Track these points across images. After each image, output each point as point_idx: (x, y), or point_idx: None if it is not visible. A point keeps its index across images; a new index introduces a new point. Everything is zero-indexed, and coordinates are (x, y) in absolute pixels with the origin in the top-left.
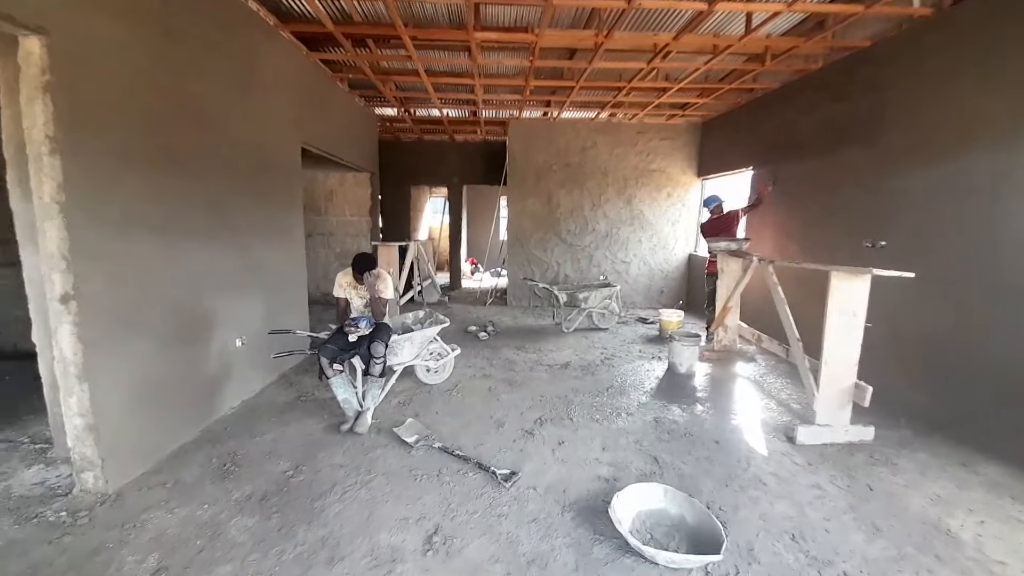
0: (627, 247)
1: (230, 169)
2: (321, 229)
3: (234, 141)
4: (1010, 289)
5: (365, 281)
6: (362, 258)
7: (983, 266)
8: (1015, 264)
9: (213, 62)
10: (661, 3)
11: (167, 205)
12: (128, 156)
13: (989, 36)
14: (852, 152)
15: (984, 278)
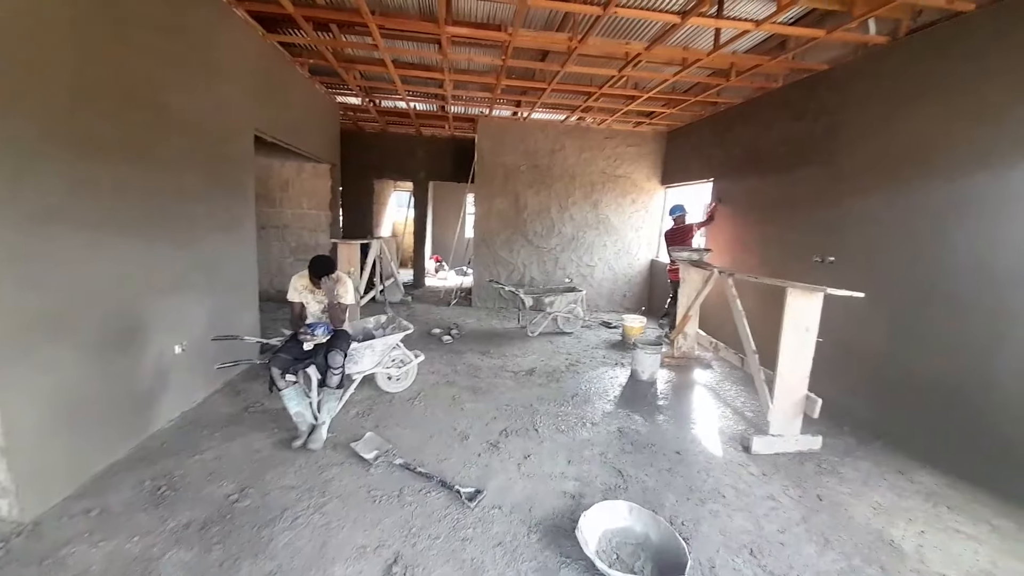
0: (592, 251)
1: (173, 157)
2: (275, 221)
3: (178, 126)
4: (944, 308)
5: (323, 285)
6: (320, 261)
7: (922, 285)
8: (950, 285)
9: (155, 37)
10: (635, 13)
11: (96, 198)
12: (46, 141)
13: (939, 67)
14: (809, 170)
15: (922, 297)
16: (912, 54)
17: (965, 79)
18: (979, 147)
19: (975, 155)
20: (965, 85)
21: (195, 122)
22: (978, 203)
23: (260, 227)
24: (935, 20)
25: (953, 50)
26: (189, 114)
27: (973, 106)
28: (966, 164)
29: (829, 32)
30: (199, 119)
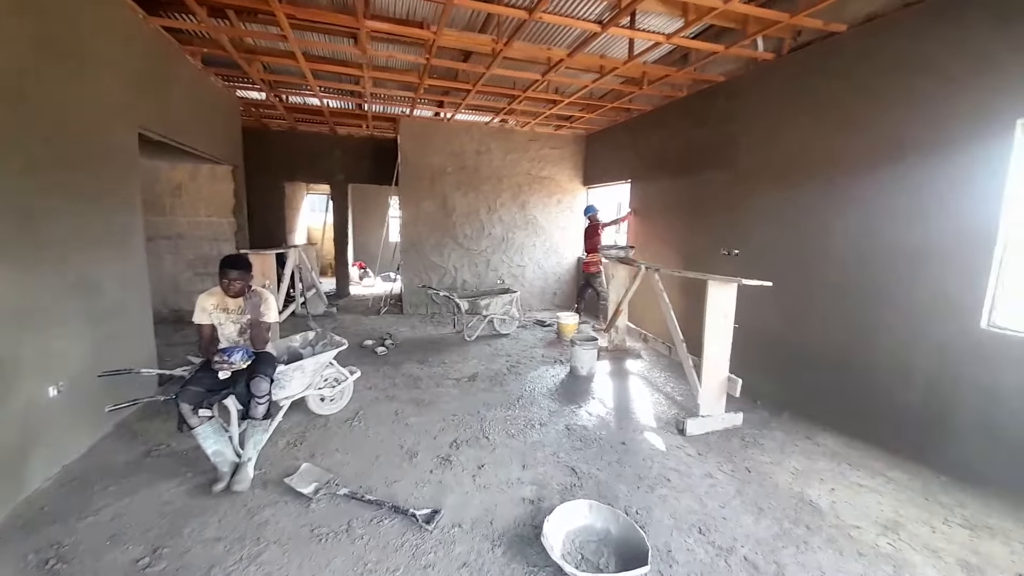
0: (522, 251)
1: (37, 161)
2: (166, 232)
3: (43, 124)
4: (829, 292)
5: (247, 303)
6: (234, 260)
7: (810, 273)
8: (833, 272)
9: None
10: (559, 19)
11: None
12: None
13: (815, 83)
14: (712, 173)
15: (811, 283)
16: (793, 70)
17: (837, 93)
18: (849, 154)
19: (846, 161)
20: (837, 99)
21: (64, 119)
22: (852, 202)
23: (148, 239)
24: (812, 40)
25: (827, 67)
26: (56, 110)
27: (843, 118)
28: (840, 169)
29: (727, 48)
30: (69, 115)
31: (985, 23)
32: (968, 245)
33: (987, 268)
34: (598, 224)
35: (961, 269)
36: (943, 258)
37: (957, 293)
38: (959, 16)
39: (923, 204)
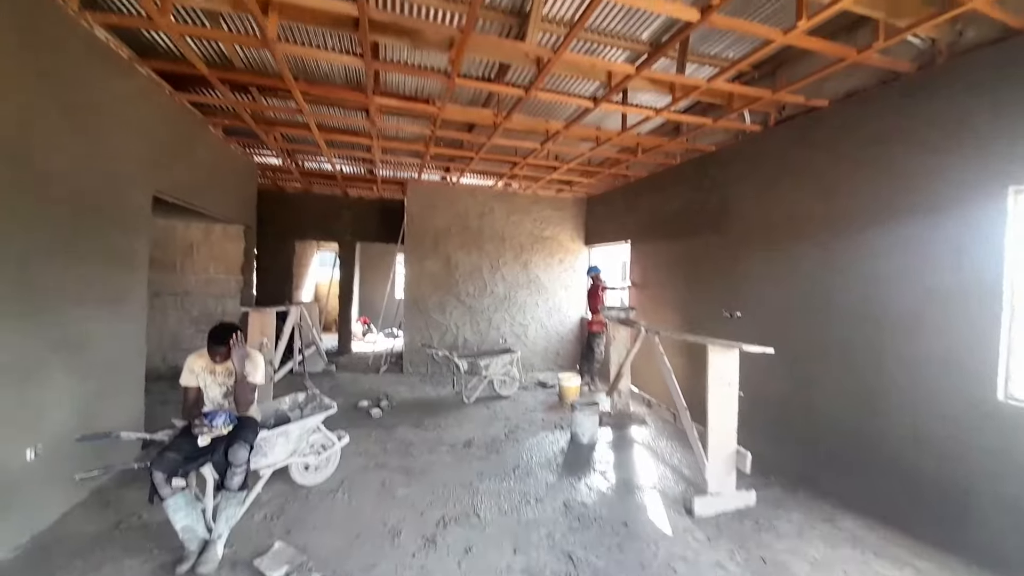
0: (525, 310)
1: (46, 218)
2: (174, 288)
3: (57, 185)
4: (832, 355)
5: (233, 353)
6: (223, 327)
7: (816, 336)
8: (836, 333)
9: (33, 84)
10: (554, 96)
11: None
12: None
13: (801, 153)
14: (708, 236)
15: (816, 347)
16: (780, 141)
17: (824, 162)
18: (841, 219)
19: (839, 225)
20: (824, 167)
21: (78, 181)
22: (849, 266)
23: (154, 295)
24: (797, 113)
25: (813, 138)
26: (71, 172)
27: (832, 184)
28: (833, 233)
29: (714, 121)
30: (84, 178)
31: (963, 97)
32: (973, 311)
33: (995, 335)
34: (600, 285)
35: (969, 336)
36: (948, 324)
37: (968, 361)
38: (935, 91)
39: (920, 269)
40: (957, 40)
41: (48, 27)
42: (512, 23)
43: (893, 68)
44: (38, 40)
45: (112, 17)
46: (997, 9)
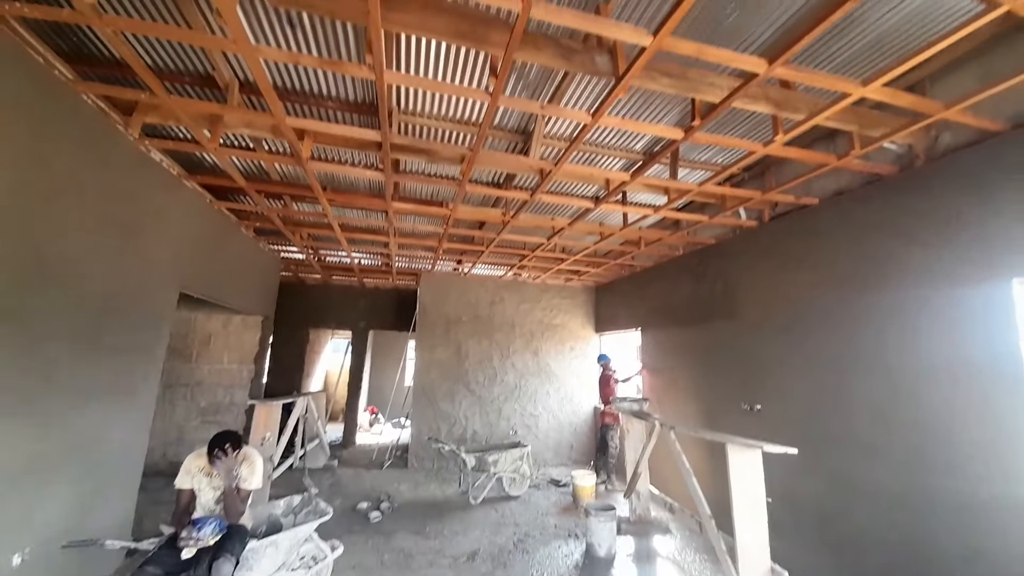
0: (536, 400)
1: (75, 318)
2: (186, 379)
3: (90, 287)
4: (863, 454)
5: (221, 464)
6: (224, 435)
7: (841, 432)
8: (865, 430)
9: (86, 201)
10: (558, 199)
11: None
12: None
13: (797, 245)
14: (718, 324)
15: (844, 444)
16: (777, 234)
17: (820, 253)
18: (846, 308)
19: (846, 314)
20: (821, 258)
21: (109, 280)
22: (863, 356)
23: (166, 386)
24: (790, 209)
25: (807, 231)
26: (104, 272)
27: (831, 274)
28: (840, 322)
29: (711, 218)
30: (115, 277)
31: (951, 195)
32: (1002, 409)
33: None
34: (611, 375)
35: (1005, 436)
36: (977, 420)
37: (1010, 463)
38: (921, 191)
39: (942, 364)
40: (933, 145)
41: (112, 150)
42: (517, 139)
43: (875, 171)
44: (102, 161)
45: (168, 143)
46: (968, 115)
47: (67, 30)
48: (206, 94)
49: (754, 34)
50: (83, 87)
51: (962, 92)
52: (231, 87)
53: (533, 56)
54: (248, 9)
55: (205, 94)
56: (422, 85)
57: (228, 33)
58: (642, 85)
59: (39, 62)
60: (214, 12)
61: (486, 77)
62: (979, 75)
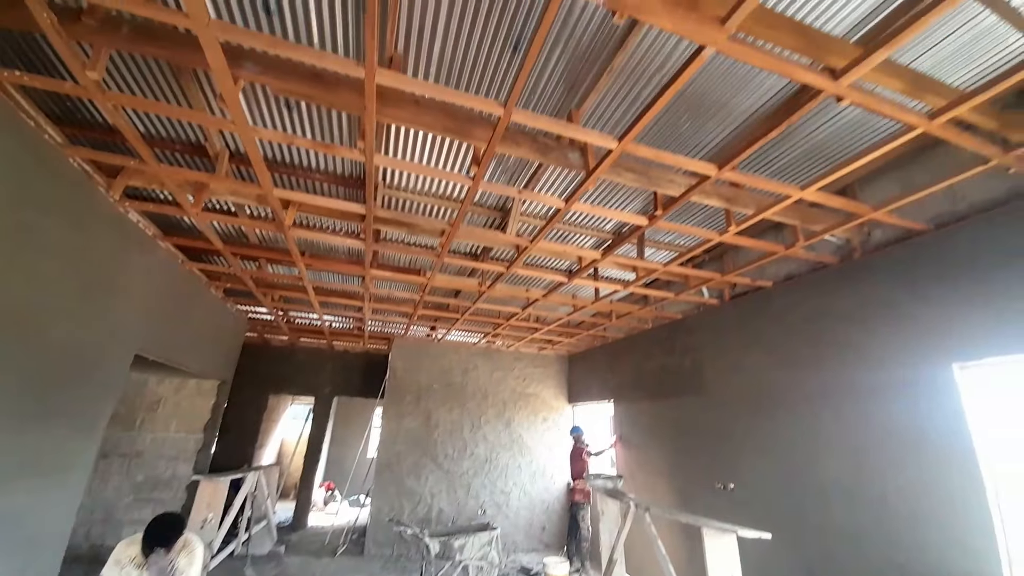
0: (507, 474)
1: (10, 384)
2: (125, 449)
3: (37, 348)
4: (837, 538)
5: (152, 565)
6: (161, 525)
7: (814, 514)
8: (837, 513)
9: (53, 260)
10: (533, 272)
11: None
12: None
13: (757, 325)
14: (688, 400)
15: (817, 528)
16: (737, 313)
17: (776, 334)
18: (804, 388)
19: (804, 394)
20: (778, 339)
21: (62, 344)
22: (825, 437)
23: (101, 456)
24: (747, 290)
25: (764, 312)
26: (59, 335)
27: (787, 355)
28: (800, 401)
29: (676, 295)
30: (70, 348)
31: (886, 284)
32: (956, 492)
33: (987, 515)
34: (583, 448)
35: (962, 516)
36: (938, 498)
37: (970, 546)
38: (860, 279)
39: (895, 443)
40: (867, 239)
41: (90, 210)
42: (495, 215)
43: (820, 260)
44: (78, 222)
45: (149, 205)
46: (894, 216)
47: (62, 95)
48: (195, 162)
49: (704, 141)
50: (71, 151)
51: (887, 195)
52: (221, 156)
53: (513, 150)
54: (249, 93)
55: (194, 162)
56: (409, 168)
57: (228, 115)
58: (610, 178)
59: (30, 125)
60: (217, 97)
61: (468, 162)
62: (901, 182)
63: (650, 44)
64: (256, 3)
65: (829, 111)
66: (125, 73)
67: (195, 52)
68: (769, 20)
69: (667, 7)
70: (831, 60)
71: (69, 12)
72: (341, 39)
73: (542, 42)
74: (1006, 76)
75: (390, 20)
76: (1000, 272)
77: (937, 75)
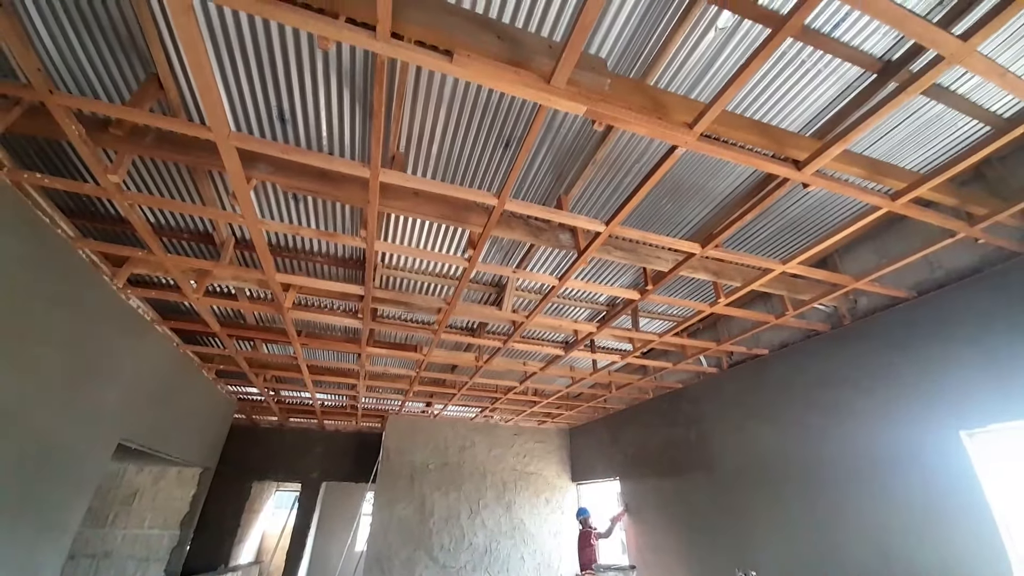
0: (509, 567)
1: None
2: (94, 549)
3: (13, 443)
4: None
5: None
6: None
7: None
8: None
9: (48, 347)
10: (529, 346)
11: None
12: None
13: (756, 394)
14: (696, 474)
15: None
16: (737, 381)
17: (778, 403)
18: (814, 461)
19: (805, 469)
20: (780, 408)
21: (44, 437)
22: (844, 515)
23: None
24: (745, 359)
25: (763, 381)
26: (35, 437)
27: (793, 424)
28: (813, 477)
29: (674, 365)
30: (49, 441)
31: (882, 350)
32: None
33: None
34: (591, 531)
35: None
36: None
37: None
38: (854, 345)
39: (915, 517)
40: (854, 307)
41: (92, 299)
42: (491, 291)
43: (812, 328)
44: (79, 310)
45: (151, 291)
46: (876, 286)
47: None
48: (201, 250)
49: (687, 219)
50: (81, 244)
51: (866, 264)
52: (227, 244)
53: (507, 233)
54: (259, 189)
55: (200, 250)
56: (408, 252)
57: (238, 209)
58: (600, 256)
59: (44, 221)
60: (230, 195)
61: (465, 244)
62: (878, 251)
63: (628, 141)
64: (272, 113)
65: (799, 192)
66: (143, 172)
67: (213, 156)
68: (732, 121)
69: (640, 116)
70: (792, 152)
71: (97, 123)
72: (348, 142)
73: (531, 143)
74: (960, 159)
75: (393, 126)
76: (985, 337)
77: (893, 159)
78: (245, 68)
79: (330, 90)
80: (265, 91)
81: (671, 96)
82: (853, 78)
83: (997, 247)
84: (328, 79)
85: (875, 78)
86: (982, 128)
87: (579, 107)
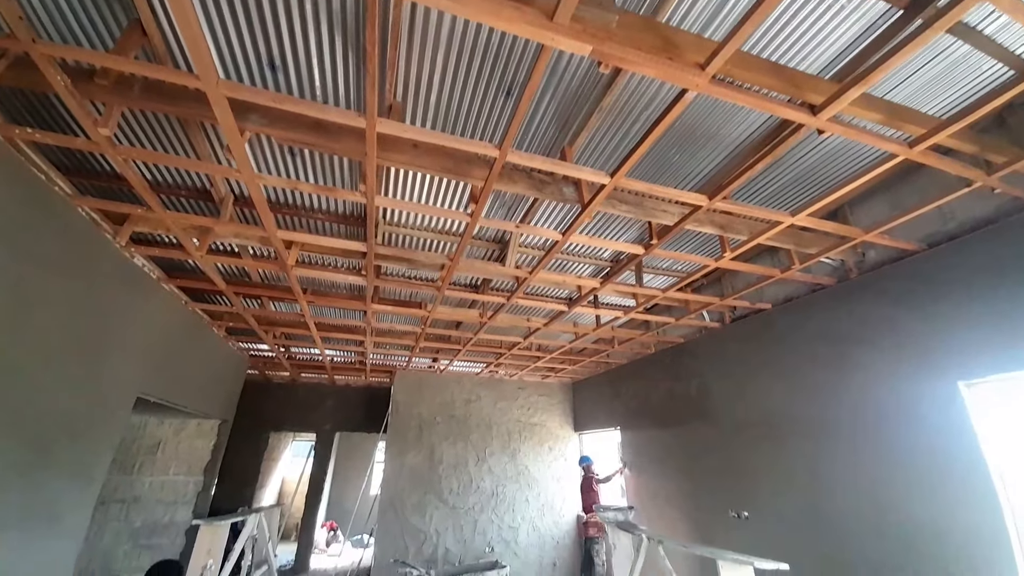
0: (514, 508)
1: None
2: (123, 494)
3: (37, 401)
4: (858, 570)
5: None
6: (163, 573)
7: (832, 544)
8: (856, 544)
9: (58, 312)
10: (533, 302)
11: None
12: None
13: (758, 348)
14: (696, 424)
15: (835, 560)
16: (739, 336)
17: (780, 356)
18: (815, 413)
19: (817, 420)
20: (782, 361)
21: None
22: (841, 463)
23: (100, 502)
24: (748, 313)
25: (765, 335)
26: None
27: (794, 378)
28: (814, 427)
29: (677, 320)
30: (71, 399)
31: (884, 303)
32: (977, 512)
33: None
34: (593, 477)
35: (985, 540)
36: (961, 529)
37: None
38: (859, 299)
39: (909, 471)
40: (862, 260)
41: (97, 259)
42: (494, 248)
43: (817, 282)
44: (85, 272)
45: (154, 249)
46: (886, 238)
47: (72, 148)
48: (200, 207)
49: (696, 170)
50: (79, 201)
51: (878, 216)
52: (226, 201)
53: (509, 187)
54: (254, 143)
55: (199, 207)
56: (409, 208)
57: (234, 164)
58: (605, 210)
59: (40, 179)
60: (224, 148)
61: (467, 199)
62: (890, 203)
63: (636, 85)
64: (262, 61)
65: (813, 140)
66: (135, 126)
67: (203, 107)
68: (747, 63)
69: (649, 57)
70: (809, 96)
71: (82, 73)
72: (343, 90)
73: (534, 90)
74: (981, 103)
75: (389, 72)
76: (995, 290)
77: (913, 104)
78: (231, 11)
79: (320, 34)
80: (253, 36)
81: (683, 34)
82: (879, 14)
83: (1013, 197)
84: (319, 21)
85: (901, 14)
86: (1007, 72)
87: (584, 47)
